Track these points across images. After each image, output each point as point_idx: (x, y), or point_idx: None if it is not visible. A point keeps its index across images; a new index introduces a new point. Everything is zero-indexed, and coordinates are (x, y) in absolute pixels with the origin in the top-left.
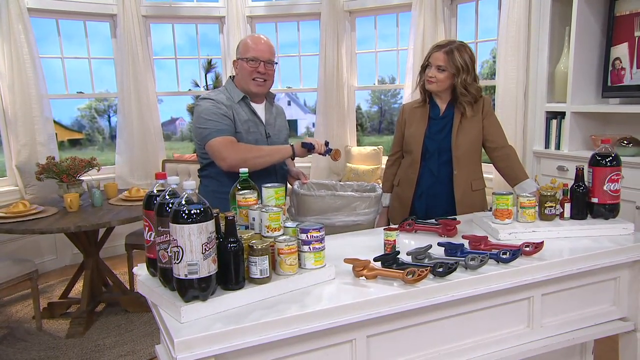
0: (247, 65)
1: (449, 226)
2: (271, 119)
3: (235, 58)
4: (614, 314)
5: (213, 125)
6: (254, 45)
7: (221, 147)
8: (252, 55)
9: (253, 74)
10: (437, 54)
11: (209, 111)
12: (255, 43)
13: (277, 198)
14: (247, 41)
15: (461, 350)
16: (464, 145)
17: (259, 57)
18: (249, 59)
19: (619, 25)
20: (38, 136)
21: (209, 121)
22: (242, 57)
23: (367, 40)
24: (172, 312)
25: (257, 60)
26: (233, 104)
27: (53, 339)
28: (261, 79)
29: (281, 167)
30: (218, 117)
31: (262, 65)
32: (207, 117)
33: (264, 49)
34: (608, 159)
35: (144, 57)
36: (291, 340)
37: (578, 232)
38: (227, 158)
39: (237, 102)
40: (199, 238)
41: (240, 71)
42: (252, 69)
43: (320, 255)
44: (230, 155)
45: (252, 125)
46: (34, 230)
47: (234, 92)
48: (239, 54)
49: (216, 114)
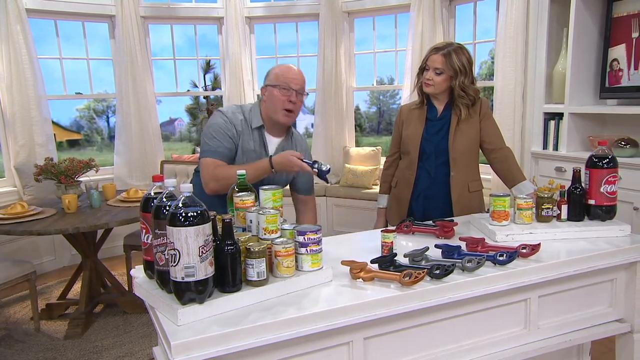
0: (279, 94)
1: (447, 228)
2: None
3: (264, 85)
4: (610, 315)
5: (213, 145)
6: (287, 74)
7: (207, 172)
8: (284, 83)
9: (285, 103)
10: (435, 57)
11: (217, 128)
12: (288, 71)
13: (275, 200)
14: (279, 69)
15: (458, 352)
16: (461, 147)
17: (291, 86)
18: (281, 87)
19: (617, 26)
20: (36, 137)
21: (212, 138)
22: (272, 84)
23: (365, 41)
24: (169, 315)
25: (289, 89)
26: (245, 130)
27: (51, 340)
28: (290, 110)
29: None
30: (222, 137)
31: (294, 94)
32: (213, 133)
33: (298, 77)
34: (605, 160)
35: (143, 58)
36: (288, 342)
37: (575, 234)
38: (208, 184)
39: (252, 128)
40: (196, 241)
41: (269, 99)
42: (284, 98)
43: (317, 257)
44: (210, 182)
45: (257, 156)
46: (32, 231)
47: (255, 117)
48: (269, 81)
49: (221, 134)
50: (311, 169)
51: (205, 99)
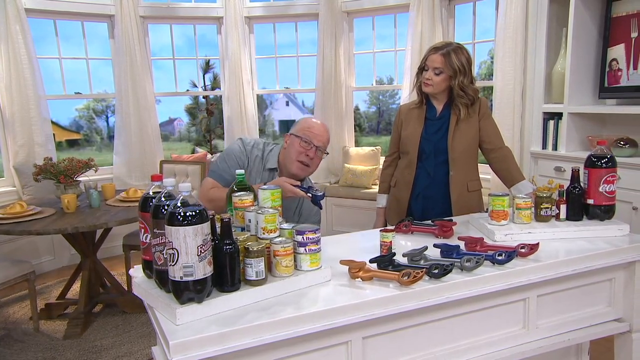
0: (298, 145)
1: (445, 227)
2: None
3: (289, 132)
4: (609, 315)
5: (220, 168)
6: (312, 129)
7: (203, 191)
8: (307, 136)
9: (300, 155)
10: (434, 57)
11: (231, 153)
12: (314, 126)
13: (273, 200)
14: (307, 123)
15: (457, 351)
16: (460, 146)
17: (312, 141)
18: (303, 140)
19: (616, 26)
20: (36, 137)
21: (222, 161)
22: (296, 134)
23: (365, 40)
24: (168, 314)
25: (310, 143)
26: (256, 167)
27: (50, 340)
28: (305, 163)
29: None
30: (232, 164)
31: (313, 149)
32: (226, 157)
33: (322, 134)
34: (603, 160)
35: (142, 58)
36: (287, 342)
37: (574, 234)
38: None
39: (264, 169)
40: (195, 240)
41: (289, 147)
42: (302, 150)
43: (316, 257)
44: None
45: None
46: (31, 231)
47: (272, 159)
48: (295, 130)
49: (233, 160)
50: (305, 194)
51: (204, 99)
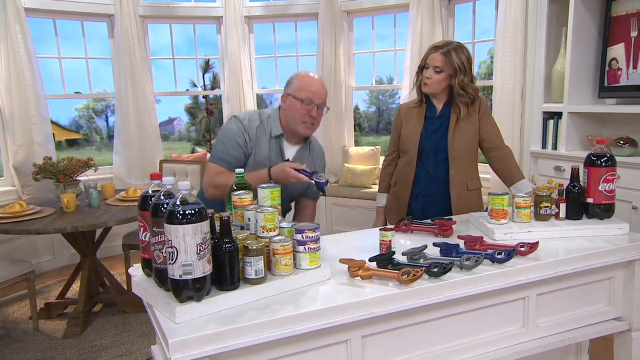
0: (300, 107)
1: (445, 226)
2: (297, 162)
3: (285, 93)
4: (608, 313)
5: (220, 150)
6: (310, 87)
7: (208, 177)
8: (307, 97)
9: (304, 116)
10: (435, 55)
11: (228, 134)
12: (311, 84)
13: (273, 199)
14: (302, 81)
15: (456, 350)
16: (459, 145)
17: (313, 100)
18: (303, 101)
19: (615, 25)
20: (35, 136)
21: (221, 144)
22: (295, 95)
23: (364, 40)
24: (167, 313)
25: (312, 103)
26: (261, 136)
27: (50, 339)
28: (311, 122)
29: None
30: (230, 145)
31: (315, 108)
32: (224, 139)
33: (320, 91)
34: (603, 159)
35: (142, 57)
36: (286, 340)
37: (573, 232)
38: (207, 189)
39: (272, 137)
40: (194, 238)
41: (289, 109)
42: (305, 112)
43: (315, 255)
44: (209, 188)
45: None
46: (30, 230)
47: (275, 125)
48: (291, 90)
49: (231, 141)
50: (309, 180)
51: (204, 99)
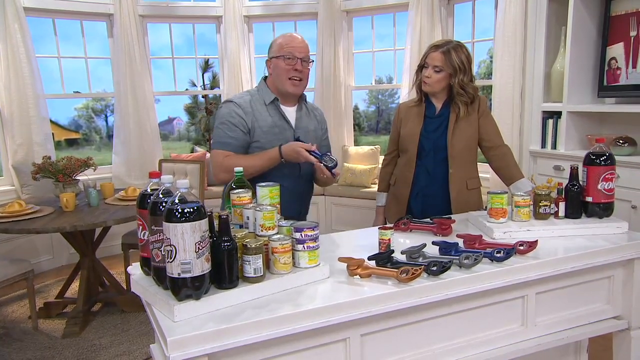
0: (284, 64)
1: (444, 225)
2: (302, 123)
3: (268, 57)
4: (608, 312)
5: (219, 135)
6: (290, 43)
7: (215, 163)
8: (289, 53)
9: (290, 72)
10: (434, 54)
11: (223, 118)
12: (291, 40)
13: (272, 197)
14: (282, 39)
15: (455, 348)
16: (459, 144)
17: (295, 54)
18: (285, 57)
19: (615, 25)
20: (34, 136)
21: (218, 129)
22: (276, 55)
23: (364, 40)
24: (166, 311)
25: (294, 58)
26: (257, 107)
27: (49, 338)
28: (297, 78)
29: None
30: (228, 126)
31: (299, 62)
32: (219, 125)
33: (300, 45)
34: (602, 158)
35: (141, 57)
36: (285, 339)
37: (572, 231)
38: (218, 174)
39: (267, 104)
40: (192, 237)
41: (274, 70)
42: (289, 67)
43: (314, 254)
44: (219, 173)
45: (279, 131)
46: (29, 229)
47: (266, 93)
48: (273, 52)
49: (227, 123)
50: (317, 162)
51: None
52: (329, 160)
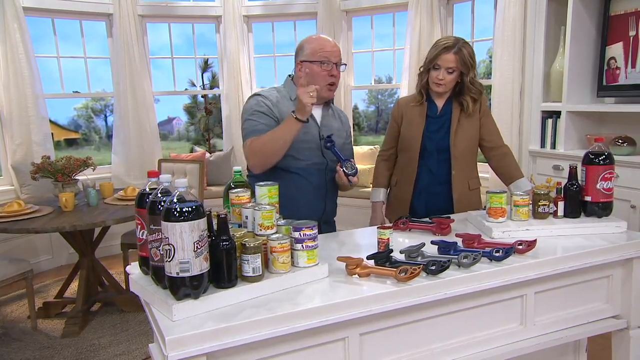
0: (319, 69)
1: (443, 224)
2: (326, 121)
3: (299, 60)
4: (606, 311)
5: (249, 125)
6: (324, 47)
7: (246, 151)
8: (324, 58)
9: (327, 78)
10: (447, 56)
11: (251, 109)
12: (326, 45)
13: (271, 197)
14: (315, 44)
15: (454, 348)
16: (461, 144)
17: (330, 60)
18: (322, 63)
19: (614, 24)
20: (34, 136)
21: (247, 120)
22: (310, 59)
23: (363, 40)
24: (164, 310)
25: (329, 63)
26: (282, 101)
27: (48, 338)
28: (333, 83)
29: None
30: (257, 115)
31: (334, 67)
32: (249, 115)
33: (334, 50)
34: (601, 157)
35: (140, 57)
36: (283, 338)
37: (571, 231)
38: (249, 161)
39: (293, 99)
40: (191, 236)
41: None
42: (326, 73)
43: (313, 253)
44: (250, 159)
45: (305, 127)
46: (28, 229)
47: (292, 89)
48: (306, 56)
49: (256, 113)
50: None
51: (203, 98)
52: (350, 167)
